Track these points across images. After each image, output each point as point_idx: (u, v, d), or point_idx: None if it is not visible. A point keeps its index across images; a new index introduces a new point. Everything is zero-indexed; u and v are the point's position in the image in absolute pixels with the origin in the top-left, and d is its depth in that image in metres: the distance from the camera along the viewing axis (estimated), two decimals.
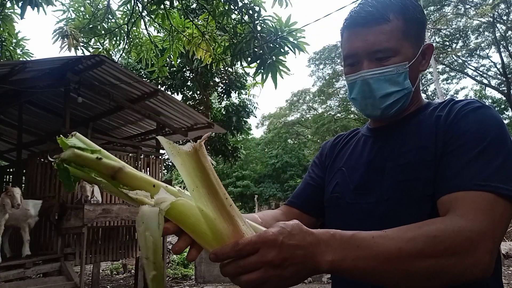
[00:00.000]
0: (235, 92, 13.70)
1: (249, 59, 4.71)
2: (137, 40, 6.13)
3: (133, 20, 5.54)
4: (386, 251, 0.66)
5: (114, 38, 5.80)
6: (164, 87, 12.55)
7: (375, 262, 0.66)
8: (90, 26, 5.58)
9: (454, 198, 0.76)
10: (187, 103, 12.63)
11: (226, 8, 4.97)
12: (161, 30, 7.05)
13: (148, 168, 7.85)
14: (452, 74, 22.42)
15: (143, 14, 5.48)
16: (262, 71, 4.52)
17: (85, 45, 5.87)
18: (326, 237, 0.66)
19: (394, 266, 0.66)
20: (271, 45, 4.52)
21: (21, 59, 7.43)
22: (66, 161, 0.60)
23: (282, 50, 4.54)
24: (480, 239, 0.68)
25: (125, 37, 5.71)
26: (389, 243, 0.67)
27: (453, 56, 19.67)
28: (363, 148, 1.01)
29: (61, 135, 0.63)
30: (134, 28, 5.99)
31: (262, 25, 4.68)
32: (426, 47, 0.95)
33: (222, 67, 10.48)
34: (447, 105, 0.91)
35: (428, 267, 0.67)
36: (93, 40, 5.91)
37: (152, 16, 5.48)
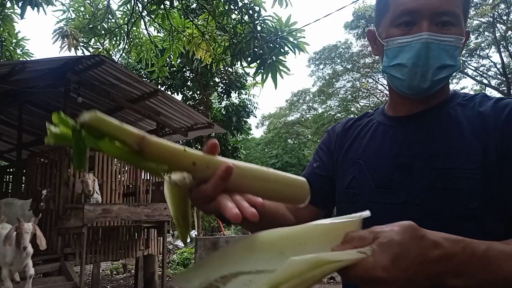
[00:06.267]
0: (235, 92, 13.70)
1: (249, 59, 4.71)
2: (137, 40, 6.14)
3: (133, 20, 5.54)
4: None
5: (114, 38, 5.81)
6: (164, 87, 12.55)
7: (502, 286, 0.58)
8: (90, 26, 5.59)
9: None
10: (187, 103, 12.63)
11: (226, 8, 4.97)
12: (161, 30, 7.05)
13: None
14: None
15: (143, 14, 5.48)
16: (262, 71, 4.52)
17: (85, 45, 5.88)
18: (457, 252, 0.54)
19: None
20: (271, 45, 4.52)
21: (21, 59, 7.42)
22: (83, 127, 0.53)
23: (282, 50, 4.54)
24: None
25: (125, 37, 5.71)
26: None
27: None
28: (383, 140, 0.89)
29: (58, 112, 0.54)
30: (134, 28, 5.99)
31: (262, 25, 4.69)
32: (466, 32, 0.84)
33: (222, 67, 10.49)
34: (484, 101, 0.81)
35: None
36: (93, 40, 5.91)
37: (152, 16, 5.48)
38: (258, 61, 4.57)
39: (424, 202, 0.76)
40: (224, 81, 13.37)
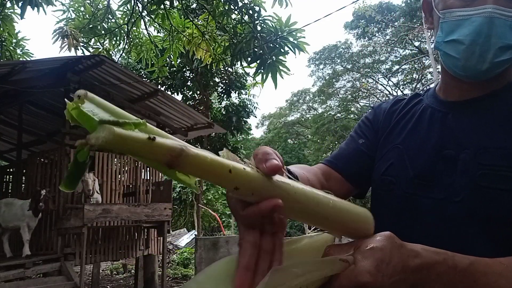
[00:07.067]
0: (235, 92, 13.70)
1: (249, 59, 4.71)
2: (137, 40, 6.14)
3: (133, 20, 5.54)
4: None
5: (114, 38, 5.81)
6: (164, 87, 12.55)
7: None
8: (90, 26, 5.59)
9: None
10: (187, 103, 12.63)
11: (226, 8, 4.97)
12: (161, 30, 7.05)
13: (148, 168, 7.85)
14: None
15: (143, 14, 5.48)
16: (262, 71, 4.52)
17: (85, 45, 5.88)
18: (437, 263, 0.51)
19: None
20: (271, 45, 4.52)
21: (21, 59, 7.43)
22: (95, 147, 0.38)
23: (282, 50, 4.54)
24: None
25: (125, 37, 5.71)
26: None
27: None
28: (430, 126, 0.79)
29: (69, 101, 0.41)
30: (134, 28, 5.99)
31: (262, 25, 4.69)
32: None
33: (222, 67, 10.49)
34: None
35: None
36: (93, 40, 5.91)
37: (152, 16, 5.48)
38: (258, 61, 4.57)
39: (465, 200, 0.68)
40: (224, 81, 13.37)
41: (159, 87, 10.64)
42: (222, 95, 13.60)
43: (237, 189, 0.43)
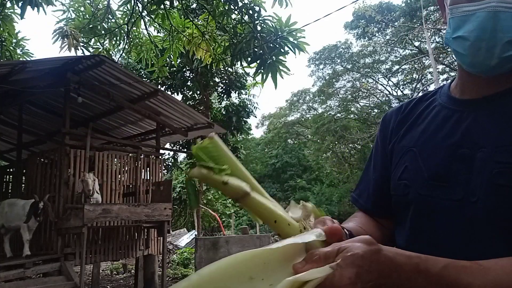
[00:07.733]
0: (235, 92, 13.69)
1: (249, 59, 4.72)
2: (137, 40, 6.15)
3: (133, 20, 5.54)
4: None
5: (114, 38, 5.82)
6: (164, 87, 12.55)
7: None
8: (90, 26, 5.60)
9: None
10: (187, 103, 12.63)
11: (226, 8, 4.97)
12: (161, 30, 7.05)
13: (148, 168, 7.85)
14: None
15: (143, 14, 5.48)
16: (262, 71, 4.53)
17: (85, 45, 5.90)
18: (410, 268, 0.51)
19: None
20: (271, 45, 4.53)
21: (21, 59, 7.43)
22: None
23: (282, 50, 4.55)
24: None
25: (125, 37, 5.72)
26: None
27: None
28: (444, 125, 0.76)
29: (197, 142, 0.61)
30: (134, 28, 6.00)
31: (262, 25, 4.69)
32: None
33: (222, 67, 10.48)
34: None
35: None
36: (93, 40, 5.92)
37: (152, 16, 5.49)
38: (258, 61, 4.58)
39: (481, 200, 0.66)
40: (224, 81, 13.36)
41: (159, 87, 10.65)
42: (222, 95, 13.60)
43: (277, 235, 0.62)
